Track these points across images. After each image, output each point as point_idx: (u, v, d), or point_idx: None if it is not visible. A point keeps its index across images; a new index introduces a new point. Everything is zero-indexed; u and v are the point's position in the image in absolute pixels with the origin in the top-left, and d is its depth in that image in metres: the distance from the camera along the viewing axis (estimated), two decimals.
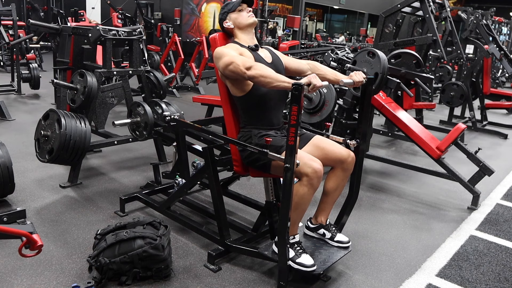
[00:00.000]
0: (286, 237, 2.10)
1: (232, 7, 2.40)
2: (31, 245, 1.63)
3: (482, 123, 6.89)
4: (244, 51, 2.31)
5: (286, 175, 1.99)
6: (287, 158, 1.98)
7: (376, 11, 15.47)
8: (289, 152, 1.98)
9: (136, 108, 3.31)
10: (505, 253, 2.84)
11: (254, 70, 2.07)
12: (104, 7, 13.32)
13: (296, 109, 1.90)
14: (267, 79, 2.04)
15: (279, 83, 2.01)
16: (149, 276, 2.23)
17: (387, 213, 3.37)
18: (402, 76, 3.93)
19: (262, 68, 2.09)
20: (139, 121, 3.28)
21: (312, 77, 1.96)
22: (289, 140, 1.95)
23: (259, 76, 2.05)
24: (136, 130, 3.36)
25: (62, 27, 4.29)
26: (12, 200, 3.08)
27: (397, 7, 4.77)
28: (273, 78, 2.03)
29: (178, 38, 8.52)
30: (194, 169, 3.03)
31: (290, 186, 2.01)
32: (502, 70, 11.27)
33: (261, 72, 2.06)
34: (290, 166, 1.97)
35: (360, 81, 2.30)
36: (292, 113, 1.91)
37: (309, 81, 1.94)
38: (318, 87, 1.94)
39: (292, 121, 1.92)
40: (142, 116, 3.26)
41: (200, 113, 5.60)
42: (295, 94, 1.90)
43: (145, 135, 3.25)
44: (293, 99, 1.91)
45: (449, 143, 3.57)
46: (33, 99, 6.78)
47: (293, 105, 1.90)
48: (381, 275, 2.49)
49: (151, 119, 3.20)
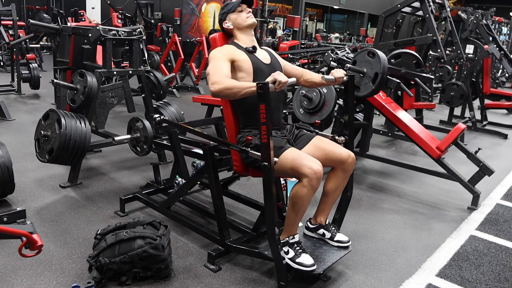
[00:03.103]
0: (276, 236, 2.12)
1: (231, 7, 2.40)
2: (31, 245, 1.63)
3: (482, 123, 6.89)
4: (239, 54, 2.31)
5: (265, 173, 2.04)
6: (263, 156, 2.01)
7: (376, 11, 15.46)
8: (264, 149, 2.01)
9: (135, 124, 3.30)
10: (505, 253, 2.84)
11: (217, 85, 2.07)
12: (104, 7, 13.32)
13: (264, 107, 1.95)
14: (233, 89, 2.05)
15: (246, 89, 2.02)
16: (149, 276, 2.23)
17: (387, 213, 3.37)
18: (402, 76, 3.93)
19: (226, 81, 2.09)
20: (139, 137, 3.27)
21: (276, 74, 1.97)
22: (262, 138, 1.99)
23: (224, 89, 2.06)
24: (137, 146, 3.35)
25: (62, 27, 4.29)
26: (12, 200, 3.09)
27: (397, 7, 4.78)
28: (238, 87, 2.05)
29: (178, 38, 8.53)
30: (194, 169, 3.04)
31: (270, 185, 2.05)
32: (502, 70, 11.27)
33: (225, 85, 2.06)
34: (268, 164, 2.00)
35: (341, 77, 2.36)
36: (261, 112, 1.96)
37: (274, 78, 1.96)
38: (284, 83, 1.96)
39: (262, 119, 1.97)
40: (141, 131, 3.24)
41: (200, 113, 5.60)
42: (260, 93, 1.94)
43: (146, 149, 3.24)
44: (260, 98, 1.95)
45: (449, 143, 3.57)
46: (33, 99, 6.78)
47: (261, 104, 1.95)
48: (381, 275, 2.49)
49: (151, 133, 3.18)
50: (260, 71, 2.31)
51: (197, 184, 3.33)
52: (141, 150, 3.31)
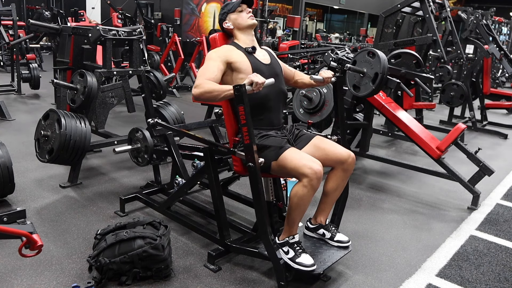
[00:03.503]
0: (269, 236, 2.14)
1: (231, 7, 2.40)
2: (31, 245, 1.63)
3: (482, 123, 6.89)
4: (237, 55, 2.31)
5: (250, 173, 2.07)
6: (247, 157, 2.05)
7: (376, 11, 15.46)
8: (247, 151, 2.04)
9: (135, 134, 3.30)
10: (505, 253, 2.84)
11: (197, 89, 2.11)
12: (104, 7, 13.32)
13: (242, 109, 1.98)
14: (213, 93, 2.07)
15: (225, 92, 2.05)
16: (149, 276, 2.23)
17: (387, 213, 3.37)
18: (402, 76, 3.93)
19: (206, 84, 2.11)
20: (140, 147, 3.27)
21: (253, 76, 1.99)
22: (244, 139, 2.03)
23: (204, 92, 2.08)
24: (138, 157, 3.35)
25: (62, 27, 4.29)
26: (12, 200, 3.09)
27: (397, 7, 4.78)
28: (218, 90, 2.07)
29: (178, 38, 8.53)
30: (194, 169, 3.04)
31: (257, 185, 2.08)
32: (502, 70, 11.26)
33: (204, 88, 2.09)
34: (253, 164, 2.03)
35: (329, 77, 2.43)
36: (240, 113, 2.00)
37: (251, 80, 1.98)
38: (261, 84, 1.98)
39: (243, 121, 2.01)
40: (141, 141, 3.25)
41: (200, 113, 5.60)
42: (238, 95, 1.98)
43: (147, 159, 3.25)
44: (237, 100, 1.98)
45: (449, 143, 3.57)
46: (33, 99, 6.78)
47: (239, 106, 1.99)
48: (381, 275, 2.49)
49: (151, 143, 3.19)
50: (260, 71, 2.30)
51: (197, 184, 3.33)
52: (142, 160, 3.31)
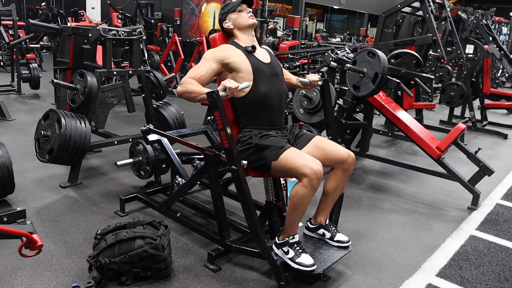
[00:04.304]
0: (260, 238, 2.17)
1: (232, 7, 2.40)
2: (31, 245, 1.63)
3: (482, 123, 6.89)
4: (236, 53, 2.31)
5: (234, 176, 2.14)
6: (228, 160, 2.11)
7: (376, 11, 15.46)
8: (227, 154, 2.11)
9: (136, 148, 3.33)
10: (505, 253, 2.84)
11: (180, 87, 2.21)
12: (104, 7, 13.32)
13: (218, 114, 2.06)
14: (192, 94, 2.16)
15: (201, 95, 2.12)
16: (149, 276, 2.23)
17: (387, 213, 3.37)
18: (402, 76, 3.93)
19: (188, 85, 2.19)
20: (141, 160, 3.30)
21: (225, 82, 2.05)
22: (224, 143, 2.10)
23: (184, 92, 2.19)
24: (140, 170, 3.38)
25: (62, 27, 4.29)
26: (12, 200, 3.09)
27: (397, 7, 4.78)
28: (196, 92, 2.15)
29: (178, 38, 8.52)
30: (194, 169, 3.03)
31: (241, 188, 2.14)
32: (502, 70, 11.27)
33: (186, 88, 2.18)
34: (235, 167, 2.10)
35: (315, 80, 2.50)
36: (216, 118, 2.07)
37: (224, 86, 2.03)
38: (234, 89, 2.03)
39: (219, 126, 2.08)
40: (143, 153, 3.27)
41: (200, 113, 5.60)
42: (211, 101, 2.04)
43: (149, 170, 3.28)
44: (211, 106, 2.05)
45: (449, 143, 3.57)
46: (33, 99, 6.78)
47: (214, 111, 2.06)
48: (381, 275, 2.49)
49: (152, 154, 3.21)
50: (260, 70, 2.31)
51: (197, 184, 3.33)
52: (144, 173, 3.34)
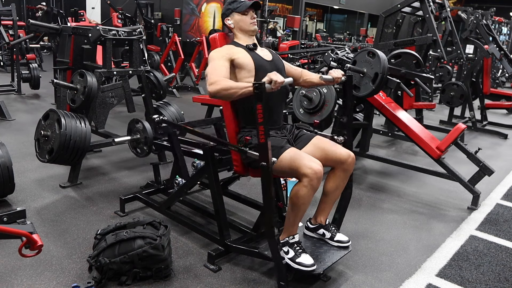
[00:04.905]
0: (275, 237, 2.12)
1: (238, 8, 2.37)
2: (31, 245, 1.63)
3: (482, 123, 6.89)
4: (238, 51, 2.31)
5: (263, 172, 2.04)
6: (261, 156, 2.01)
7: (376, 11, 15.46)
8: (261, 150, 2.02)
9: (135, 125, 3.30)
10: (505, 253, 2.84)
11: (214, 86, 2.08)
12: (104, 7, 13.31)
13: (261, 107, 1.95)
14: (230, 90, 2.06)
15: (243, 89, 2.03)
16: (149, 276, 2.23)
17: (387, 213, 3.37)
18: (402, 76, 3.93)
19: (223, 81, 2.09)
20: (139, 138, 3.27)
21: (272, 74, 1.96)
22: (260, 138, 2.00)
23: (221, 90, 2.06)
24: (137, 147, 3.36)
25: (62, 27, 4.29)
26: (12, 200, 3.09)
27: (397, 7, 4.78)
28: (235, 88, 2.06)
29: (178, 38, 8.53)
30: (194, 169, 3.04)
31: (268, 185, 2.06)
32: (502, 70, 11.27)
33: (221, 86, 2.07)
34: (266, 164, 2.01)
35: (338, 77, 2.36)
36: (258, 112, 1.97)
37: (270, 78, 1.95)
38: (280, 83, 1.95)
39: (260, 120, 1.97)
40: (141, 132, 3.25)
41: (200, 113, 5.60)
42: (257, 93, 1.94)
43: (146, 150, 3.25)
44: (257, 98, 1.95)
45: (449, 143, 3.57)
46: (33, 99, 6.78)
47: (257, 104, 1.96)
48: (381, 275, 2.49)
49: (151, 134, 3.18)
50: (262, 67, 2.30)
51: (197, 184, 3.33)
52: (141, 151, 3.31)
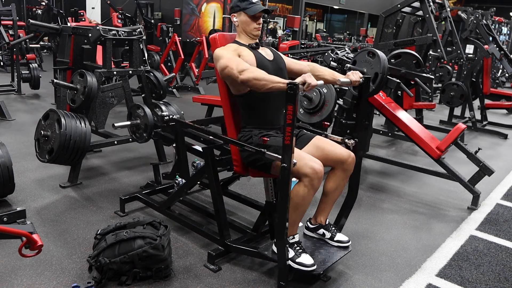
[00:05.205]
0: (285, 237, 2.10)
1: (247, 9, 2.32)
2: (31, 245, 1.63)
3: (482, 123, 6.89)
4: (243, 49, 2.30)
5: (283, 174, 2.00)
6: (283, 157, 1.99)
7: (376, 11, 15.46)
8: (286, 151, 1.99)
9: (136, 110, 3.31)
10: (505, 253, 2.84)
11: (247, 73, 2.05)
12: (104, 7, 13.31)
13: (292, 108, 1.91)
14: (262, 81, 2.02)
15: (274, 84, 2.00)
16: (149, 276, 2.23)
17: (387, 213, 3.37)
18: (402, 76, 3.92)
19: (255, 71, 2.06)
20: (139, 123, 3.28)
21: (307, 76, 1.95)
22: (285, 139, 1.96)
23: (252, 79, 2.03)
24: (136, 132, 3.36)
25: (62, 27, 4.29)
26: (12, 200, 3.08)
27: (397, 7, 4.77)
28: (267, 80, 2.02)
29: (178, 38, 8.52)
30: (194, 169, 3.03)
31: (287, 186, 2.01)
32: (502, 70, 11.27)
33: (254, 75, 2.04)
34: (287, 165, 1.98)
35: (357, 80, 2.31)
36: (288, 113, 1.92)
37: (304, 80, 1.94)
38: (313, 86, 1.94)
39: (288, 121, 1.93)
40: (142, 118, 3.25)
41: (200, 113, 5.60)
42: (290, 93, 1.91)
43: (145, 137, 3.25)
44: (289, 98, 1.92)
45: (449, 143, 3.57)
46: (33, 99, 6.78)
47: (289, 105, 1.91)
48: (381, 275, 2.49)
49: (151, 121, 3.19)
50: (264, 66, 2.29)
51: (197, 184, 3.33)
52: (140, 136, 3.31)
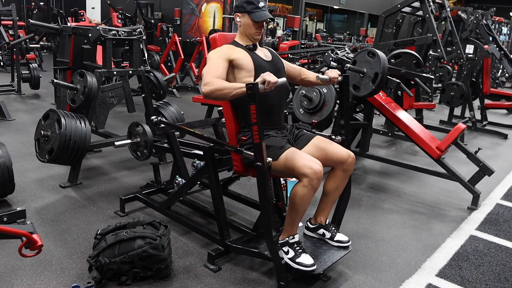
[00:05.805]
0: (272, 237, 2.12)
1: (251, 13, 2.30)
2: (31, 245, 1.63)
3: (482, 123, 6.89)
4: (237, 52, 2.30)
5: (258, 173, 2.06)
6: (255, 156, 2.02)
7: (376, 11, 15.45)
8: (256, 150, 2.03)
9: (135, 128, 3.31)
10: (505, 253, 2.84)
11: (208, 86, 2.07)
12: (104, 7, 13.32)
13: (254, 108, 1.96)
14: (224, 90, 2.05)
15: (237, 89, 2.03)
16: (149, 276, 2.23)
17: (387, 213, 3.37)
18: (402, 76, 3.93)
19: (217, 82, 2.08)
20: (139, 141, 3.28)
21: (265, 74, 1.97)
22: (254, 138, 2.01)
23: (215, 90, 2.06)
24: (137, 151, 3.36)
25: (62, 27, 4.29)
26: (12, 200, 3.09)
27: (397, 7, 4.77)
28: (229, 88, 2.05)
29: (178, 38, 8.53)
30: (194, 169, 3.03)
31: (264, 185, 2.07)
32: (502, 70, 11.27)
33: (215, 86, 2.06)
34: (261, 164, 2.01)
35: (335, 77, 2.37)
36: (251, 112, 1.97)
37: (263, 79, 1.96)
38: (273, 83, 1.96)
39: (253, 120, 1.98)
40: (141, 135, 3.25)
41: (200, 113, 5.60)
42: (250, 93, 1.95)
43: (146, 154, 3.25)
44: (250, 98, 1.96)
45: (449, 143, 3.57)
46: (33, 99, 6.78)
47: (251, 104, 1.96)
48: (381, 275, 2.49)
49: (151, 138, 3.19)
50: (261, 68, 2.29)
51: (197, 184, 3.33)
52: (141, 154, 3.32)
